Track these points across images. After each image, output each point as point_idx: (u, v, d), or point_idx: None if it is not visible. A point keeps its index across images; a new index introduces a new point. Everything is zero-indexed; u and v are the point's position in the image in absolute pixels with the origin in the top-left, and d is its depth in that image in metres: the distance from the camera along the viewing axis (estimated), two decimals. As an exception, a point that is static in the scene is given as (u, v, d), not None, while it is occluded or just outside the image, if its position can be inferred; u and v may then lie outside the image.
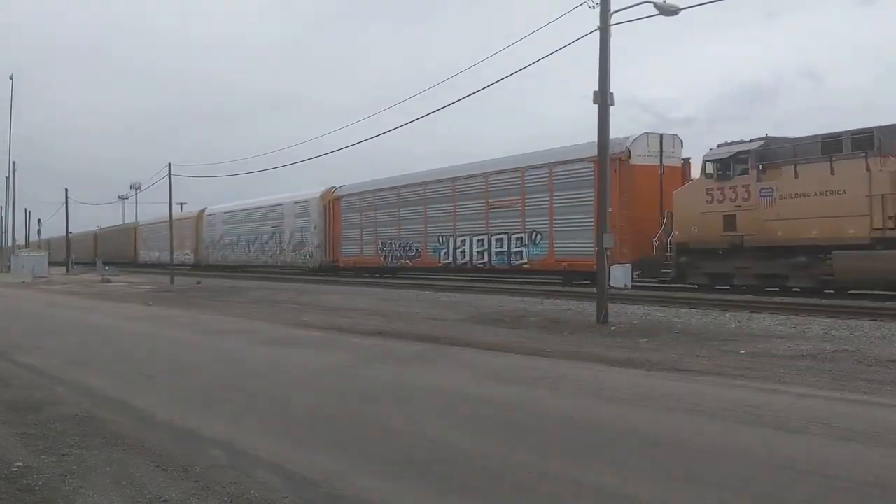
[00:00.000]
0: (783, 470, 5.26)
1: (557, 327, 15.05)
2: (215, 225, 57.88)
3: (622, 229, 23.91)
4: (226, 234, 55.69)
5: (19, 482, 5.23)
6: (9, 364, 11.03)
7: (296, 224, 45.91)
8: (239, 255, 53.36)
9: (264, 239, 49.58)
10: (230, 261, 54.36)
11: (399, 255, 37.14)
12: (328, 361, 10.98)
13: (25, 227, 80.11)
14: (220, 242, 56.49)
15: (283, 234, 47.26)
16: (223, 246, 55.95)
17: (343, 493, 4.91)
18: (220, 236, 56.70)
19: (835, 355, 10.64)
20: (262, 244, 49.84)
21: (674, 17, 15.34)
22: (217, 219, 58.00)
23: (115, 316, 20.19)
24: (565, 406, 7.59)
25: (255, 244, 50.71)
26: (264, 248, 49.62)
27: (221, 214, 57.23)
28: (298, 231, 45.57)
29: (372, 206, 39.56)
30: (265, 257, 49.71)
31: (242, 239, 52.85)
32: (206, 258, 58.53)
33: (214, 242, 57.62)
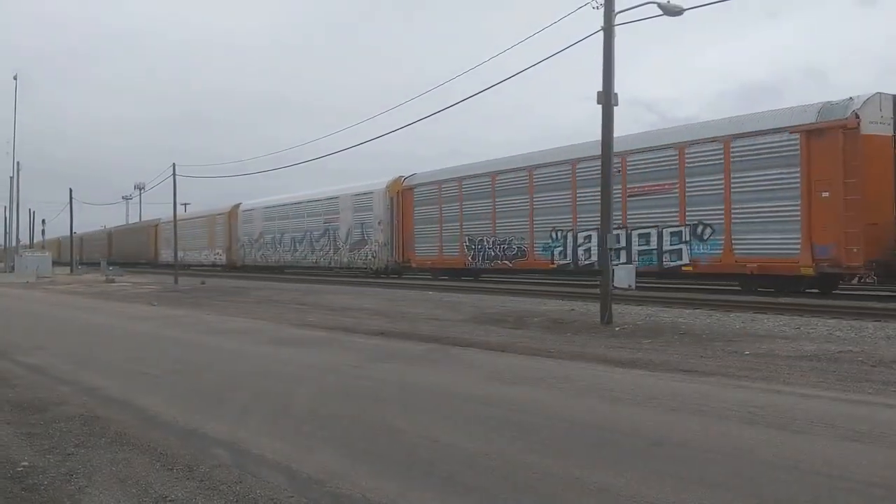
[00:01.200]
0: (788, 470, 5.26)
1: (561, 328, 15.04)
2: (253, 221, 52.49)
3: (850, 220, 19.14)
4: (266, 231, 50.45)
5: (25, 481, 5.25)
6: (12, 364, 11.06)
7: (354, 219, 40.75)
8: (282, 254, 48.22)
9: (314, 237, 44.49)
10: (271, 261, 49.58)
11: (493, 255, 31.27)
12: (332, 361, 10.99)
13: (30, 227, 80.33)
14: (259, 241, 51.18)
15: (337, 230, 42.18)
16: (263, 245, 50.76)
17: (347, 492, 4.91)
18: (258, 234, 51.42)
19: (839, 356, 10.62)
20: (312, 242, 44.75)
21: (677, 17, 15.33)
22: (255, 214, 52.43)
23: (119, 316, 20.22)
24: (569, 406, 7.58)
25: (303, 243, 45.61)
26: (314, 247, 44.57)
27: (261, 210, 51.72)
28: (358, 227, 40.45)
29: (455, 196, 33.56)
30: (315, 257, 44.63)
31: (287, 237, 47.68)
32: (241, 258, 53.69)
33: (252, 241, 52.37)
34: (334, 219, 42.73)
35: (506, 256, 30.71)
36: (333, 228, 42.61)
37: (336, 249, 42.29)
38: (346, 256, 41.38)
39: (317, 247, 44.31)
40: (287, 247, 47.62)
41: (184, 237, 60.55)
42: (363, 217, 40.08)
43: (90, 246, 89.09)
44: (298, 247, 46.34)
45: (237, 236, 54.61)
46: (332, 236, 42.71)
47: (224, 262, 56.15)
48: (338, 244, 42.17)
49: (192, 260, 61.28)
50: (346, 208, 41.61)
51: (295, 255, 46.88)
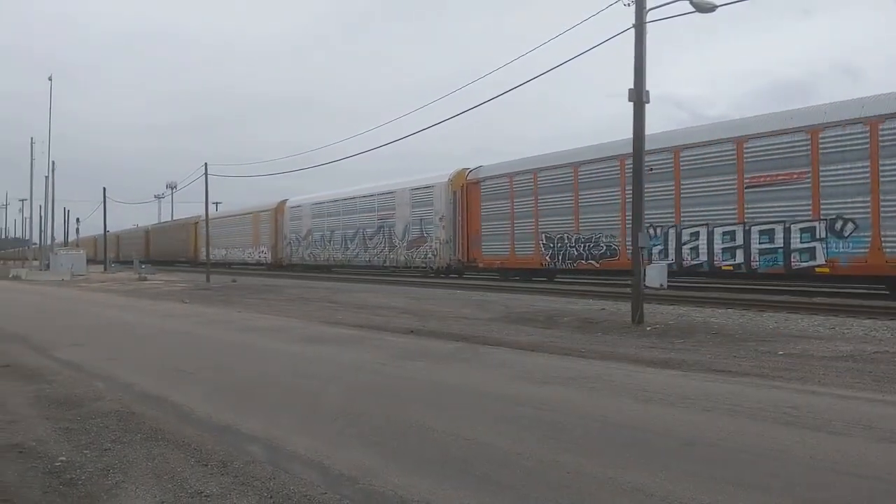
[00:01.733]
0: (824, 472, 5.19)
1: (591, 327, 14.97)
2: (301, 218, 49.72)
3: None
4: (315, 228, 47.82)
5: (63, 476, 5.34)
6: (49, 360, 11.24)
7: (412, 215, 38.07)
8: (333, 252, 45.54)
9: (367, 234, 41.88)
10: (320, 259, 47.11)
11: (577, 254, 28.04)
12: (362, 359, 11.03)
13: (64, 225, 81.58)
14: (308, 238, 48.52)
15: (393, 227, 39.43)
16: (311, 243, 48.07)
17: (380, 489, 4.93)
18: (306, 231, 48.80)
19: (876, 356, 10.46)
20: (365, 240, 42.17)
21: (710, 14, 15.17)
22: (303, 211, 49.69)
23: (152, 313, 20.47)
24: (601, 406, 7.54)
25: (355, 240, 43.12)
26: (367, 245, 42.00)
27: (309, 206, 49.08)
28: (416, 224, 37.75)
29: (529, 189, 30.41)
30: (368, 255, 41.94)
31: (337, 234, 45.15)
32: (288, 256, 51.34)
33: (299, 239, 49.73)
34: (389, 215, 40.00)
35: (591, 256, 27.51)
36: (389, 225, 39.91)
37: (392, 247, 39.75)
38: (403, 255, 38.69)
39: (370, 245, 41.73)
40: (337, 245, 45.16)
41: (225, 235, 59.70)
42: (422, 213, 37.30)
43: (127, 244, 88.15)
44: (350, 244, 43.85)
45: (283, 234, 52.21)
46: (388, 233, 40.01)
47: (269, 261, 53.92)
48: (394, 242, 39.53)
49: (234, 258, 59.69)
50: (403, 203, 38.83)
51: (346, 253, 44.23)
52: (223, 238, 60.45)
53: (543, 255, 29.71)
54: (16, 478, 5.31)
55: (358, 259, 43.10)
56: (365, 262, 42.47)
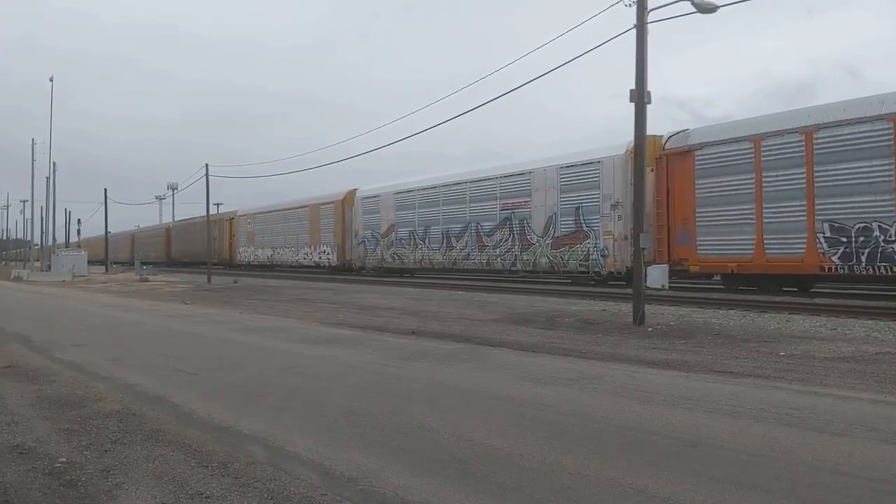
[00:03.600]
0: (827, 473, 5.17)
1: (592, 328, 14.96)
2: (379, 211, 41.21)
3: None
4: (400, 222, 39.09)
5: (63, 477, 5.32)
6: (50, 361, 11.23)
7: (563, 203, 28.78)
8: (428, 252, 36.91)
9: (485, 229, 32.99)
10: (409, 261, 38.68)
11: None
12: (363, 359, 11.01)
13: (66, 226, 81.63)
14: (390, 236, 40.04)
15: (527, 219, 30.46)
16: (395, 241, 39.54)
17: (380, 490, 4.91)
18: (387, 227, 40.26)
19: (878, 357, 10.44)
20: (480, 236, 33.22)
21: (711, 14, 15.16)
22: (383, 202, 41.00)
23: (153, 314, 20.46)
24: (602, 407, 7.52)
25: (465, 236, 34.15)
26: (485, 243, 32.88)
27: (391, 196, 40.36)
28: (570, 214, 28.44)
29: (796, 156, 20.89)
30: (487, 256, 32.81)
31: (435, 230, 36.45)
32: (360, 257, 42.79)
33: (376, 236, 41.26)
34: (522, 203, 30.88)
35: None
36: (521, 217, 30.82)
37: (525, 245, 30.71)
38: (546, 255, 29.51)
39: (489, 241, 32.75)
40: (436, 242, 36.43)
41: (271, 233, 52.69)
42: (579, 198, 28.14)
43: (144, 244, 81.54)
44: (455, 242, 34.92)
45: (353, 230, 43.46)
46: (518, 227, 30.98)
47: (333, 263, 45.35)
48: (528, 238, 30.53)
49: (283, 260, 51.85)
50: (547, 187, 29.63)
51: (450, 253, 35.25)
52: (268, 236, 53.55)
53: (827, 253, 20.29)
54: (16, 479, 5.29)
55: (470, 260, 34.06)
56: (481, 264, 33.44)
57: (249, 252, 56.35)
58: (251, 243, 56.30)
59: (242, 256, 57.48)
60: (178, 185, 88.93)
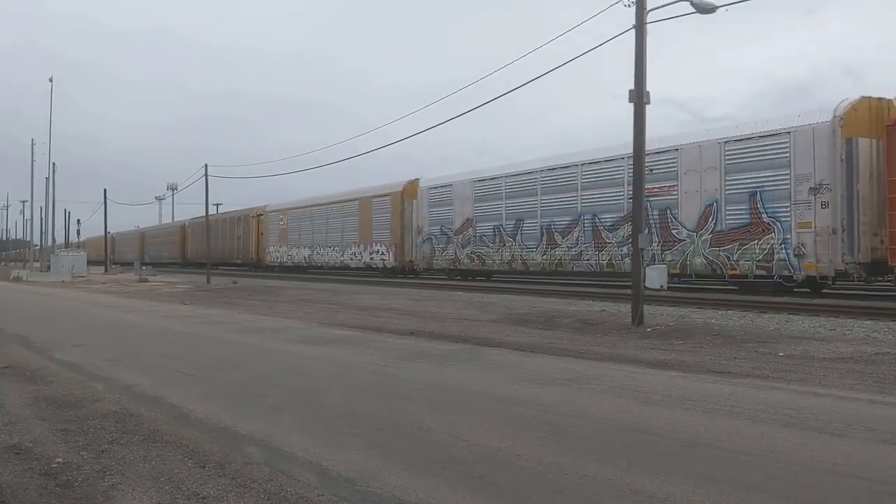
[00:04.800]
0: (825, 474, 5.16)
1: (592, 329, 14.95)
2: (452, 203, 35.30)
3: None
4: (480, 216, 33.36)
5: (59, 478, 5.31)
6: (49, 361, 11.22)
7: (729, 187, 22.85)
8: (523, 251, 30.78)
9: (605, 222, 26.93)
10: (494, 262, 32.50)
11: None
12: (362, 360, 11.00)
13: (65, 227, 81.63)
14: (466, 232, 34.10)
15: (671, 209, 24.59)
16: (474, 238, 33.55)
17: (378, 491, 4.90)
18: (463, 222, 34.37)
19: (877, 358, 10.43)
20: (597, 232, 27.28)
21: (710, 14, 15.15)
22: (457, 192, 34.90)
23: (152, 314, 20.45)
24: (601, 408, 7.51)
25: (577, 232, 28.06)
26: (604, 240, 27.03)
27: (468, 184, 34.42)
28: (740, 201, 22.61)
29: None
30: (607, 256, 26.88)
31: (531, 225, 30.41)
32: (425, 257, 37.09)
33: (448, 233, 35.37)
34: (663, 189, 24.78)
35: None
36: (663, 206, 24.91)
37: (668, 242, 24.76)
38: (703, 254, 23.72)
39: (611, 238, 26.84)
40: (531, 240, 30.33)
41: (309, 230, 47.07)
42: (757, 180, 22.22)
43: (155, 245, 76.76)
44: (561, 239, 28.88)
45: (417, 226, 37.82)
46: (659, 219, 25.08)
47: (390, 264, 39.67)
48: (673, 232, 24.62)
49: (325, 261, 46.08)
50: (703, 167, 23.63)
51: (553, 252, 29.19)
52: (305, 234, 47.78)
53: None
54: (12, 479, 5.28)
55: (583, 261, 27.91)
56: (598, 265, 27.43)
57: (282, 252, 50.48)
58: (284, 242, 50.46)
59: (273, 257, 51.84)
60: (177, 185, 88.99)
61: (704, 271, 23.74)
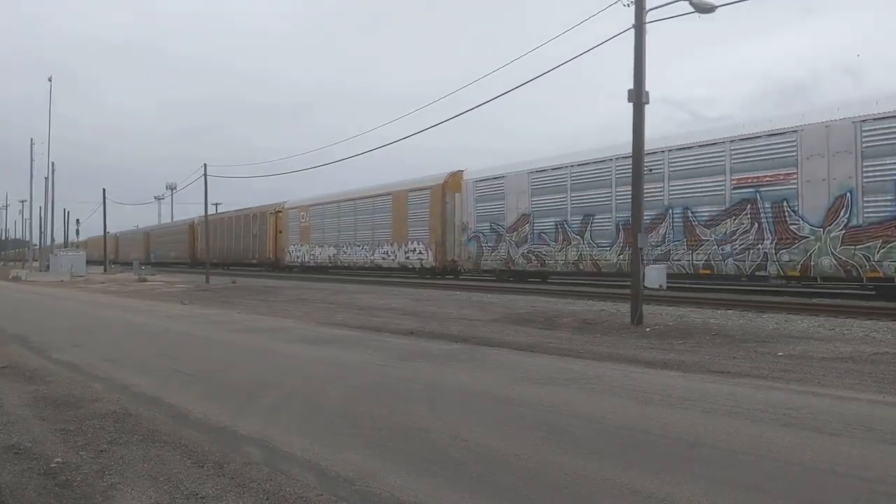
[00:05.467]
0: (824, 474, 5.16)
1: (591, 328, 14.95)
2: (504, 197, 31.53)
3: None
4: (538, 211, 29.56)
5: (58, 477, 5.30)
6: (48, 361, 11.21)
7: (866, 172, 19.37)
8: (594, 250, 27.05)
9: (700, 217, 23.46)
10: (557, 262, 28.59)
11: None
12: (362, 360, 10.99)
13: (64, 226, 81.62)
14: (522, 229, 30.37)
15: (789, 201, 21.11)
16: (531, 235, 29.84)
17: (377, 491, 4.90)
18: (517, 218, 30.61)
19: (876, 357, 10.43)
20: (689, 227, 23.73)
21: (709, 14, 15.15)
22: (511, 185, 31.05)
23: (151, 314, 20.44)
24: (600, 407, 7.51)
25: (663, 228, 24.53)
26: (698, 237, 23.49)
27: (523, 177, 30.46)
28: (887, 188, 19.00)
29: None
30: (702, 256, 23.39)
31: (603, 220, 26.77)
32: (471, 257, 33.40)
33: (498, 230, 31.70)
34: (778, 177, 21.42)
35: None
36: (778, 197, 21.41)
37: (786, 239, 21.31)
38: (832, 252, 20.10)
39: (708, 234, 23.26)
40: (604, 237, 26.71)
41: (334, 227, 43.77)
42: None
43: (163, 243, 73.22)
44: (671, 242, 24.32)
45: (461, 223, 34.31)
46: (773, 212, 21.58)
47: (429, 263, 36.22)
48: (792, 228, 21.20)
49: (352, 261, 42.62)
50: (832, 151, 20.15)
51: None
52: (330, 232, 44.32)
53: None
54: (11, 479, 5.28)
55: (672, 261, 24.32)
56: (691, 266, 23.83)
57: (303, 251, 46.85)
58: (305, 240, 46.74)
59: (293, 256, 48.27)
60: (176, 185, 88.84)
61: (834, 273, 20.33)
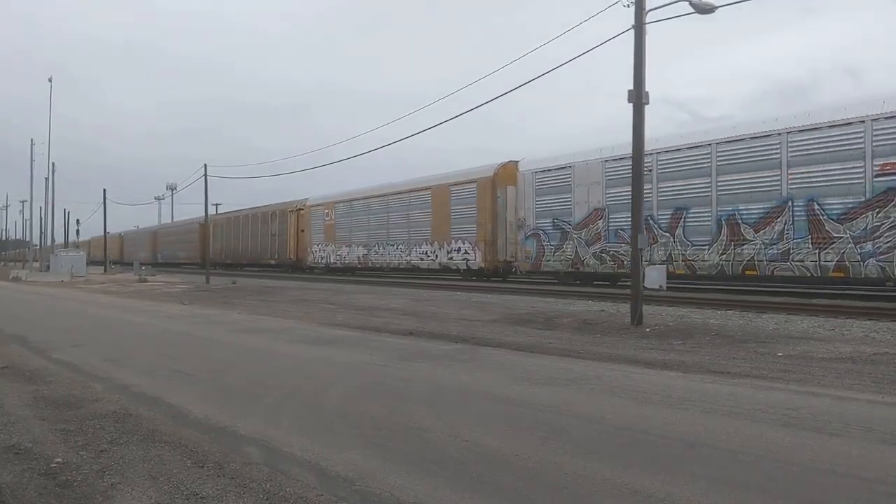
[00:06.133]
0: (824, 474, 5.16)
1: (591, 329, 14.95)
2: (571, 189, 27.50)
3: None
4: (612, 206, 25.88)
5: (58, 477, 5.31)
6: (48, 361, 11.22)
7: None
8: (686, 249, 23.62)
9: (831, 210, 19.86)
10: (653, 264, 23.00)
11: None
12: (362, 360, 10.99)
13: (65, 227, 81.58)
14: (594, 225, 26.60)
15: None
16: (606, 232, 26.16)
17: (377, 491, 4.90)
18: (589, 213, 26.81)
19: (876, 358, 10.43)
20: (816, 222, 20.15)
21: (710, 15, 15.16)
22: (582, 175, 27.03)
23: (151, 314, 20.44)
24: (600, 407, 7.51)
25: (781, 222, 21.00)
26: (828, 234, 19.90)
27: (598, 166, 26.39)
28: None
29: None
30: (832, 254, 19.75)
31: (699, 214, 23.31)
32: (529, 256, 29.47)
33: (563, 227, 27.84)
34: None
35: None
36: None
37: None
38: None
39: (842, 231, 19.66)
40: (700, 234, 23.29)
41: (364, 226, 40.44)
42: None
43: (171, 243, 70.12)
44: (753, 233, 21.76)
45: (515, 219, 30.69)
46: None
47: (476, 264, 32.37)
48: None
49: (387, 261, 39.01)
50: None
51: (738, 250, 22.08)
52: (360, 231, 40.98)
53: None
54: (11, 479, 5.28)
55: (793, 261, 20.64)
56: (819, 268, 20.12)
57: (328, 251, 43.67)
58: (331, 240, 43.44)
59: (317, 257, 45.06)
60: (176, 185, 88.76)
61: None
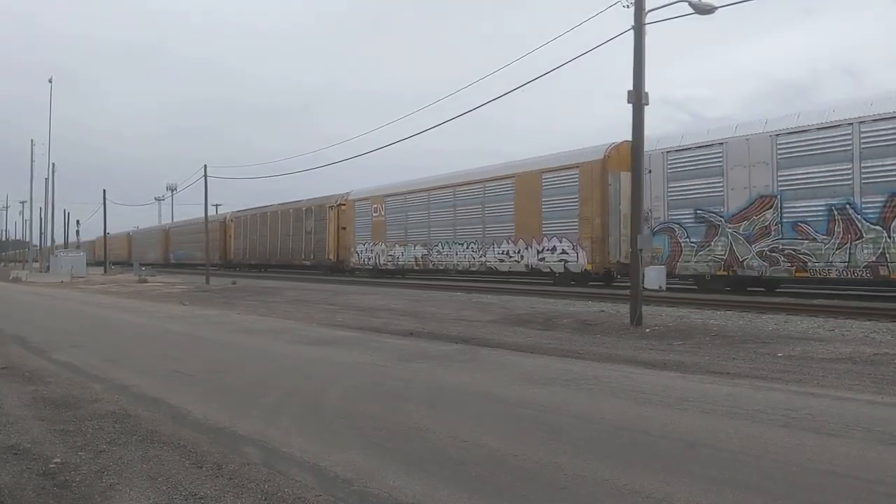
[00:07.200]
0: (823, 474, 5.15)
1: (590, 329, 14.94)
2: (724, 171, 22.16)
3: None
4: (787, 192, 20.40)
5: (57, 478, 5.30)
6: (47, 362, 11.22)
7: None
8: None
9: None
10: (833, 266, 19.26)
11: None
12: (362, 360, 10.99)
13: (64, 227, 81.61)
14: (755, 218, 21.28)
15: None
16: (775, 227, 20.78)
17: (376, 491, 4.90)
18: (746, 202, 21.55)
19: (875, 358, 10.43)
20: None
21: (709, 15, 15.15)
22: (736, 154, 21.71)
23: (151, 315, 20.43)
24: (599, 408, 7.51)
25: None
26: None
27: (766, 141, 20.89)
28: None
29: None
30: None
31: None
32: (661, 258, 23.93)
33: (710, 219, 22.68)
34: None
35: None
36: None
37: None
38: None
39: None
40: None
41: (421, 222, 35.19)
42: None
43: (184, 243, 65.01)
44: None
45: (620, 214, 25.71)
46: None
47: (579, 267, 27.11)
48: None
49: (454, 263, 33.46)
50: None
51: None
52: (416, 228, 35.57)
53: None
54: (10, 479, 5.27)
55: None
56: None
57: (376, 251, 38.45)
58: (379, 238, 38.18)
59: (362, 257, 39.78)
60: (176, 185, 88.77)
61: None
